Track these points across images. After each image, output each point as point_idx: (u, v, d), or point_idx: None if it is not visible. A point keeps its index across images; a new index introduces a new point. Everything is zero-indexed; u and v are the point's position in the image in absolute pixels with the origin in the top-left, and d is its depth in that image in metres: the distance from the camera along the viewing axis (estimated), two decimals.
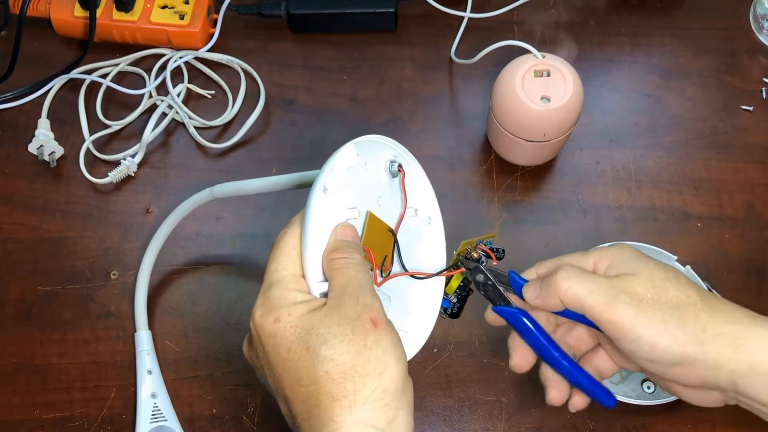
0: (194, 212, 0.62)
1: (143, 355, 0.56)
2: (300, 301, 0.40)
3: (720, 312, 0.39)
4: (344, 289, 0.40)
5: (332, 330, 0.38)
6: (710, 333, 0.38)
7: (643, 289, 0.39)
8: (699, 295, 0.40)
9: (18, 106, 0.67)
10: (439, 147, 0.65)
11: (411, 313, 0.47)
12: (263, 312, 0.40)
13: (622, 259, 0.42)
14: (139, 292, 0.58)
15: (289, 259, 0.41)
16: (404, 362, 0.38)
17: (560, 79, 0.56)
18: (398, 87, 0.68)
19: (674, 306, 0.39)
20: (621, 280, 0.40)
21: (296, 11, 0.69)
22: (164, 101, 0.66)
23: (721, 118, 0.67)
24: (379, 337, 0.38)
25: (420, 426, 0.55)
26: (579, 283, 0.40)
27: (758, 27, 0.70)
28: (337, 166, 0.43)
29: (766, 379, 0.37)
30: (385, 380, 0.37)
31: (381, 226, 0.45)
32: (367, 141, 0.44)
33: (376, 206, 0.46)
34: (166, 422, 0.54)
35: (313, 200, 0.41)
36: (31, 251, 0.61)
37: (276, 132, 0.66)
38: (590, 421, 0.55)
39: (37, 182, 0.64)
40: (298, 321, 0.39)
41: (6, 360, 0.58)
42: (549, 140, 0.58)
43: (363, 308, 0.38)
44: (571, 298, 0.41)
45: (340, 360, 0.37)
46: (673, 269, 0.41)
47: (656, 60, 0.69)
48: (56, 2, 0.68)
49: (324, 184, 0.42)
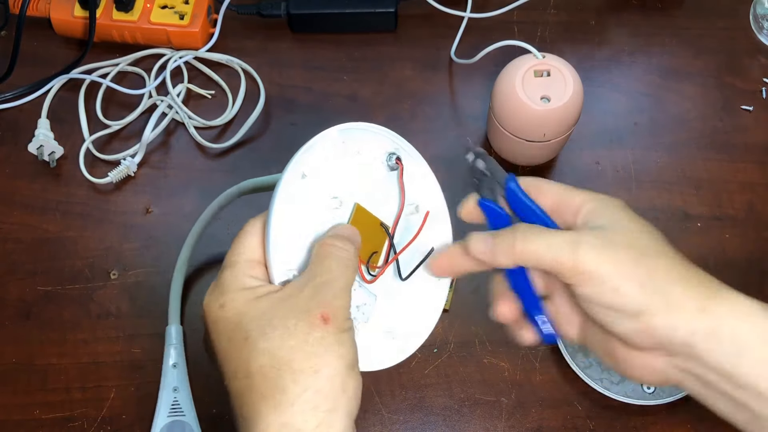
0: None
1: (171, 348, 0.56)
2: (249, 286, 0.38)
3: (693, 274, 0.36)
4: (312, 279, 0.37)
5: (275, 321, 0.36)
6: (678, 289, 0.35)
7: (613, 235, 0.36)
8: (675, 254, 0.37)
9: (18, 106, 0.67)
10: (439, 147, 0.65)
11: (408, 315, 0.45)
12: (210, 297, 0.38)
13: (606, 210, 0.38)
14: (174, 286, 0.57)
15: (248, 244, 0.39)
16: (348, 362, 0.36)
17: (560, 79, 0.56)
18: (398, 87, 0.68)
19: (646, 254, 0.36)
20: (590, 229, 0.37)
21: (296, 11, 0.69)
22: (164, 101, 0.66)
23: (721, 118, 0.67)
24: (325, 334, 0.36)
25: (420, 426, 0.55)
26: (536, 240, 0.37)
27: (758, 27, 0.70)
28: (317, 151, 0.41)
29: (728, 345, 0.35)
30: (320, 380, 0.35)
31: (371, 220, 0.44)
32: (355, 128, 0.43)
33: (369, 200, 0.44)
34: (184, 417, 0.54)
35: (282, 183, 0.39)
36: (30, 251, 0.61)
37: (276, 132, 0.66)
38: (590, 421, 0.55)
39: (37, 182, 0.64)
40: (242, 307, 0.37)
41: (6, 360, 0.58)
42: (549, 140, 0.58)
43: (317, 303, 0.36)
44: (530, 256, 0.37)
45: (277, 354, 0.35)
46: (656, 231, 0.38)
47: (656, 60, 0.69)
48: (56, 2, 0.68)
49: (302, 169, 0.41)
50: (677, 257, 0.37)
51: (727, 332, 0.35)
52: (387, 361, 0.44)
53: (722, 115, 0.67)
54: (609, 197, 0.39)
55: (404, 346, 0.45)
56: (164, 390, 0.55)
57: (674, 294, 0.35)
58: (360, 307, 0.43)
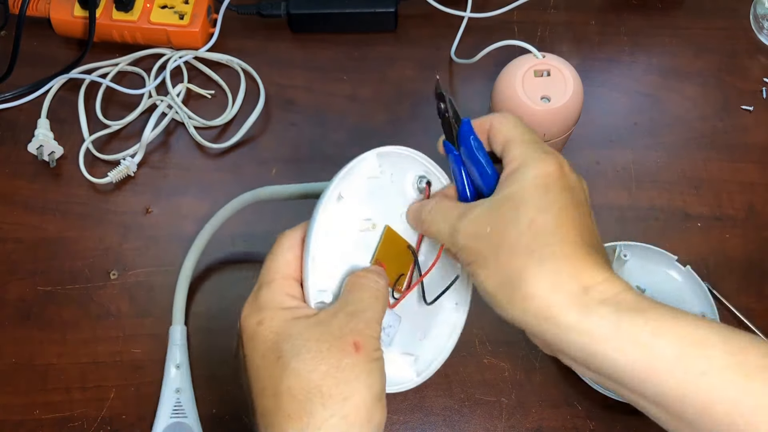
0: (194, 212, 0.62)
1: (174, 349, 0.56)
2: (287, 306, 0.38)
3: (566, 262, 0.36)
4: (345, 306, 0.38)
5: (309, 344, 0.36)
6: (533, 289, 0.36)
7: (497, 219, 0.38)
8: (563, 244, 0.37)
9: (17, 106, 0.67)
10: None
11: (426, 337, 0.46)
12: (249, 312, 0.38)
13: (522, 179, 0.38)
14: (179, 286, 0.57)
15: (285, 261, 0.40)
16: (376, 392, 0.36)
17: (560, 79, 0.56)
18: (398, 87, 0.68)
19: (513, 252, 0.37)
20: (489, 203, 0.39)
21: (296, 11, 0.69)
22: (164, 101, 0.66)
23: (722, 118, 0.67)
24: (356, 361, 0.36)
25: (420, 426, 0.55)
26: (433, 222, 0.41)
27: (758, 27, 0.70)
28: (354, 174, 0.42)
29: None
30: (348, 407, 0.35)
31: (399, 243, 0.44)
32: (392, 152, 0.43)
33: (398, 222, 0.44)
34: (186, 419, 0.54)
35: (322, 206, 0.40)
36: (30, 251, 0.61)
37: (276, 132, 0.66)
38: (590, 421, 0.55)
39: (37, 182, 0.64)
40: (279, 327, 0.37)
41: (6, 360, 0.57)
42: (549, 140, 0.58)
43: (350, 330, 0.37)
44: (430, 234, 0.42)
45: (307, 377, 0.35)
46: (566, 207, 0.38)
47: (656, 60, 0.69)
48: (56, 2, 0.68)
49: (339, 191, 0.41)
50: (559, 250, 0.36)
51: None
52: (406, 384, 0.44)
53: (722, 115, 0.67)
54: (538, 164, 0.39)
55: (423, 370, 0.45)
56: (166, 391, 0.55)
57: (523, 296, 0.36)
58: (385, 329, 0.43)
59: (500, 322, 0.57)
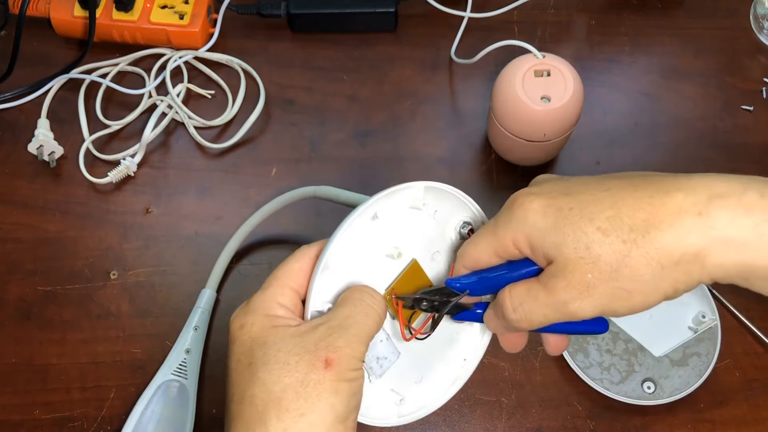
0: (194, 212, 0.62)
1: (197, 310, 0.56)
2: (272, 314, 0.38)
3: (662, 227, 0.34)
4: (330, 320, 0.37)
5: (279, 355, 0.35)
6: (671, 258, 0.33)
7: (581, 276, 0.35)
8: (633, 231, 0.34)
9: (17, 106, 0.67)
10: (439, 147, 0.65)
11: (421, 383, 0.45)
12: (236, 315, 0.38)
13: (537, 235, 0.36)
14: (224, 253, 0.58)
15: (288, 270, 0.39)
16: (339, 413, 0.35)
17: (560, 79, 0.56)
18: (398, 87, 0.68)
19: (621, 264, 0.34)
20: (558, 280, 0.35)
21: (296, 11, 0.69)
22: (164, 101, 0.66)
23: (722, 118, 0.67)
24: (322, 378, 0.35)
25: (420, 426, 0.55)
26: (531, 309, 0.37)
27: (758, 27, 0.70)
28: (397, 199, 0.41)
29: None
30: (303, 424, 0.34)
31: (422, 280, 0.43)
32: (441, 189, 0.42)
33: (428, 260, 0.43)
34: (186, 380, 0.54)
35: (352, 218, 0.39)
36: (30, 251, 0.61)
37: (276, 132, 0.66)
38: (590, 421, 0.55)
39: (37, 182, 0.64)
40: (257, 333, 0.37)
41: (6, 360, 0.57)
42: (549, 140, 0.58)
43: (326, 346, 0.35)
44: (533, 326, 0.38)
45: (270, 387, 0.35)
46: (574, 215, 0.35)
47: (656, 60, 0.69)
48: (56, 2, 0.68)
49: (376, 210, 0.40)
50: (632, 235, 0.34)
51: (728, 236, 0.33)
52: (384, 421, 0.43)
53: (722, 115, 0.67)
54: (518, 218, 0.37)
55: (406, 414, 0.44)
56: (176, 348, 0.55)
57: (667, 275, 0.34)
58: (380, 360, 0.42)
59: None
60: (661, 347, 0.56)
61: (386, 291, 0.42)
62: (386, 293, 0.42)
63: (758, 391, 0.56)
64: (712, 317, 0.57)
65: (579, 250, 0.34)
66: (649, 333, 0.56)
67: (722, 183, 0.33)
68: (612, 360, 0.56)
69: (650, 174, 0.36)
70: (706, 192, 0.33)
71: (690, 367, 0.55)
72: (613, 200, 0.35)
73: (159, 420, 0.53)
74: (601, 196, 0.35)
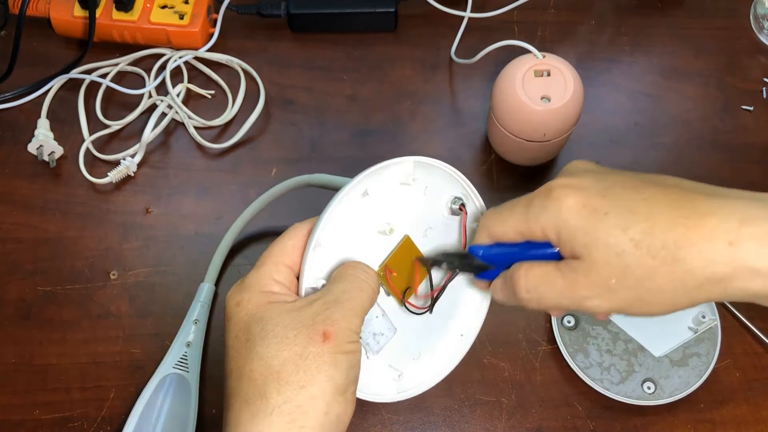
0: (194, 212, 0.62)
1: (197, 304, 0.57)
2: (268, 290, 0.38)
3: (692, 251, 0.34)
4: (325, 295, 0.38)
5: (277, 329, 0.36)
6: (696, 281, 0.34)
7: (604, 280, 0.35)
8: (664, 248, 0.34)
9: (17, 106, 0.67)
10: (439, 147, 0.65)
11: (419, 359, 0.45)
12: (232, 292, 0.39)
13: (568, 231, 0.36)
14: (221, 246, 0.58)
15: (282, 247, 0.39)
16: (338, 385, 0.36)
17: (560, 79, 0.56)
18: (398, 87, 0.68)
19: (646, 277, 0.35)
20: (579, 276, 0.36)
21: (296, 11, 0.69)
22: (164, 101, 0.66)
23: (722, 118, 0.67)
24: (321, 351, 0.35)
25: (420, 426, 0.55)
26: (545, 295, 0.37)
27: (758, 27, 0.70)
28: (386, 175, 0.41)
29: None
30: (303, 395, 0.35)
31: (415, 255, 0.43)
32: (430, 165, 0.42)
33: (421, 236, 0.44)
34: (187, 373, 0.54)
35: (342, 194, 0.39)
36: (30, 251, 0.61)
37: (276, 132, 0.66)
38: (590, 421, 0.55)
39: (37, 182, 0.64)
40: (254, 309, 0.37)
41: (5, 360, 0.57)
42: (549, 140, 0.58)
43: (323, 319, 0.36)
44: (541, 308, 0.39)
45: (268, 362, 0.35)
46: (612, 214, 0.35)
47: (656, 60, 0.69)
48: (56, 2, 0.68)
49: (366, 187, 0.40)
50: (666, 250, 0.34)
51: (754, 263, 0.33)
52: (383, 397, 0.43)
53: (722, 115, 0.67)
54: (553, 211, 0.37)
55: (405, 390, 0.45)
56: (177, 342, 0.55)
57: (695, 288, 0.34)
58: (376, 336, 0.42)
59: (500, 322, 0.58)
60: (661, 347, 0.56)
61: (380, 267, 0.42)
62: (379, 269, 0.42)
63: (758, 391, 0.56)
64: (712, 317, 0.57)
65: (609, 255, 0.35)
66: (649, 333, 0.56)
67: (755, 209, 0.34)
68: (612, 360, 0.56)
69: (686, 187, 0.37)
70: (738, 217, 0.34)
71: (690, 367, 0.55)
72: (649, 212, 0.35)
73: (163, 413, 0.53)
74: (638, 206, 0.35)
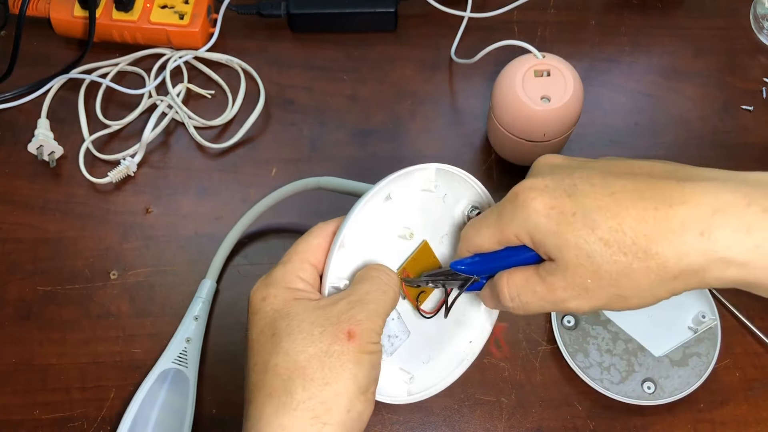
0: (194, 212, 0.62)
1: (198, 301, 0.57)
2: (293, 287, 0.38)
3: (663, 243, 0.34)
4: (350, 295, 0.38)
5: (303, 325, 0.36)
6: (671, 273, 0.34)
7: (580, 280, 0.35)
8: (635, 244, 0.34)
9: (17, 106, 0.67)
10: (439, 147, 0.65)
11: (429, 363, 0.46)
12: (257, 287, 0.39)
13: (539, 235, 0.36)
14: (225, 243, 0.58)
15: (308, 245, 0.40)
16: (361, 384, 0.36)
17: (560, 79, 0.56)
18: (398, 87, 0.68)
19: (621, 274, 0.35)
20: (557, 279, 0.36)
21: (296, 11, 0.69)
22: (164, 101, 0.66)
23: (722, 118, 0.67)
24: (346, 350, 0.36)
25: (420, 426, 0.55)
26: (529, 300, 0.38)
27: (758, 27, 0.70)
28: (409, 181, 0.42)
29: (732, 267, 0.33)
30: (327, 392, 0.35)
31: (431, 260, 0.44)
32: (451, 172, 0.43)
33: (437, 242, 0.45)
34: (186, 368, 0.55)
35: (367, 198, 0.40)
36: (30, 251, 0.61)
37: (276, 132, 0.66)
38: (590, 421, 0.55)
39: (37, 182, 0.64)
40: (280, 305, 0.37)
41: (5, 360, 0.57)
42: (549, 140, 0.58)
43: (348, 318, 0.37)
44: (528, 313, 0.39)
45: (294, 357, 0.35)
46: (578, 217, 0.35)
47: (656, 60, 0.69)
48: (56, 2, 0.68)
49: (389, 191, 0.41)
50: (642, 244, 0.34)
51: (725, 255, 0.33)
52: (395, 399, 0.44)
53: (722, 115, 0.67)
54: (519, 218, 0.37)
55: (416, 392, 0.45)
56: (177, 337, 0.56)
57: (669, 280, 0.34)
58: (391, 338, 0.43)
59: (500, 322, 0.58)
60: (661, 347, 0.56)
61: (398, 270, 0.43)
62: (398, 272, 0.43)
63: (758, 391, 0.56)
64: (712, 317, 0.57)
65: (580, 257, 0.35)
66: (649, 333, 0.56)
67: (727, 194, 0.33)
68: (612, 360, 0.56)
69: (656, 173, 0.36)
70: (710, 205, 0.33)
71: (690, 367, 0.55)
72: (617, 209, 0.35)
73: (160, 406, 0.53)
74: (605, 203, 0.35)
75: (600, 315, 0.57)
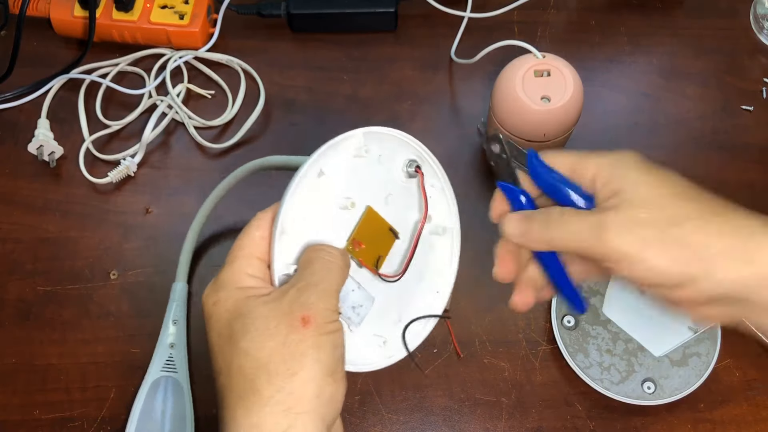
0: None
1: (173, 305, 0.57)
2: (243, 286, 0.38)
3: (728, 224, 0.35)
4: (298, 282, 0.38)
5: (257, 322, 0.36)
6: (716, 249, 0.34)
7: (636, 211, 0.36)
8: (703, 207, 0.36)
9: (18, 106, 0.67)
10: (439, 147, 0.65)
11: (400, 322, 0.46)
12: (208, 292, 0.39)
13: (621, 172, 0.38)
14: (186, 245, 0.58)
15: (251, 240, 0.39)
16: (326, 366, 0.36)
17: (560, 79, 0.56)
18: (398, 87, 0.68)
19: (674, 223, 0.35)
20: (611, 208, 0.37)
21: (296, 11, 0.69)
22: (164, 101, 0.66)
23: (721, 118, 0.67)
24: (303, 336, 0.36)
25: (420, 426, 0.55)
26: (565, 227, 0.38)
27: (758, 27, 0.70)
28: (338, 151, 0.41)
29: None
30: (294, 383, 0.35)
31: (380, 224, 0.44)
32: (380, 133, 0.43)
33: (382, 204, 0.44)
34: (176, 374, 0.54)
35: (298, 179, 0.40)
36: (30, 251, 0.61)
37: (276, 132, 0.66)
38: (590, 421, 0.55)
39: (37, 182, 0.64)
40: (232, 306, 0.37)
41: (6, 360, 0.58)
42: (549, 140, 0.58)
43: (300, 305, 0.36)
44: (561, 243, 0.38)
45: (255, 355, 0.35)
46: (677, 183, 0.38)
47: (656, 60, 0.69)
48: (56, 2, 0.68)
49: (320, 166, 0.41)
50: (704, 206, 0.36)
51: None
52: (374, 365, 0.44)
53: (722, 115, 0.67)
54: (620, 157, 0.40)
55: (393, 354, 0.45)
56: (161, 345, 0.55)
57: (713, 256, 0.35)
58: (355, 309, 0.43)
59: (500, 322, 0.58)
60: (661, 347, 0.56)
61: (348, 242, 0.43)
62: (348, 244, 0.42)
63: (758, 391, 0.56)
64: None
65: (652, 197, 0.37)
66: (649, 333, 0.56)
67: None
68: (612, 360, 0.56)
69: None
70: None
71: (690, 367, 0.55)
72: None
73: (160, 417, 0.53)
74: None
75: (600, 315, 0.57)
